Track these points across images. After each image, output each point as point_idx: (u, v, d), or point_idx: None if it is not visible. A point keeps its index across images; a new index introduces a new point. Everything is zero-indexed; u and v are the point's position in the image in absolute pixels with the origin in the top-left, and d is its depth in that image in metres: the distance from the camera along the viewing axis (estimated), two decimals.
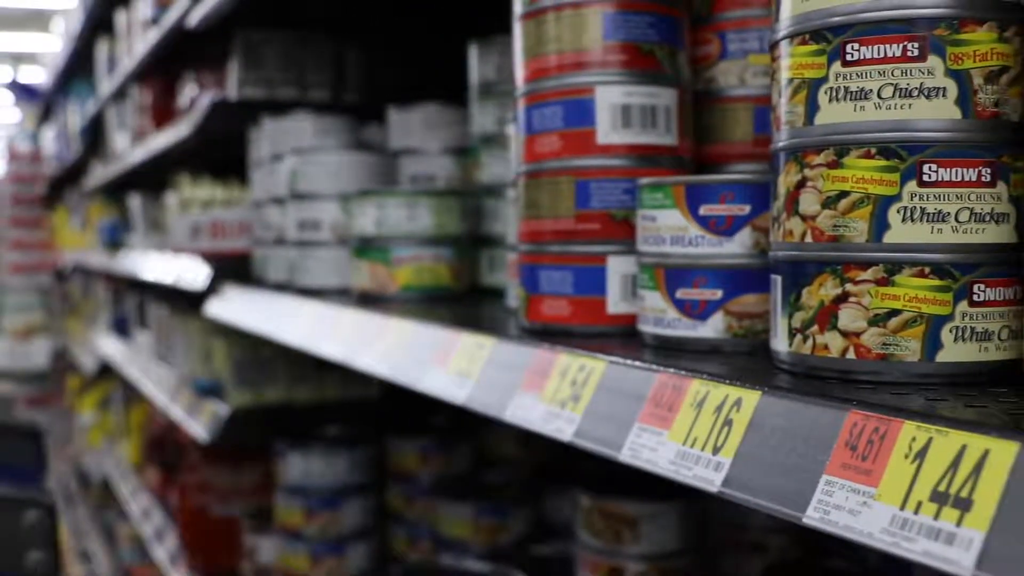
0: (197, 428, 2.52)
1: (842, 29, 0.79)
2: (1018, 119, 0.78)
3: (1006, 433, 0.60)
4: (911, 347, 0.77)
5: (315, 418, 2.54)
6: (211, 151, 3.18)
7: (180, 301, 3.32)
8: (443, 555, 2.11)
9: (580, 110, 1.12)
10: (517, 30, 1.20)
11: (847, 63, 0.78)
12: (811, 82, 0.81)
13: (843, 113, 0.79)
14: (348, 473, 2.31)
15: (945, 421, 0.64)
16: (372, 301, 1.67)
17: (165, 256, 3.06)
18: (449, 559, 2.08)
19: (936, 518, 0.61)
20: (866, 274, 0.78)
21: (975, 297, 0.77)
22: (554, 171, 1.14)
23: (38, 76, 9.19)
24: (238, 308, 2.20)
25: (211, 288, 2.42)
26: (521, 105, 1.19)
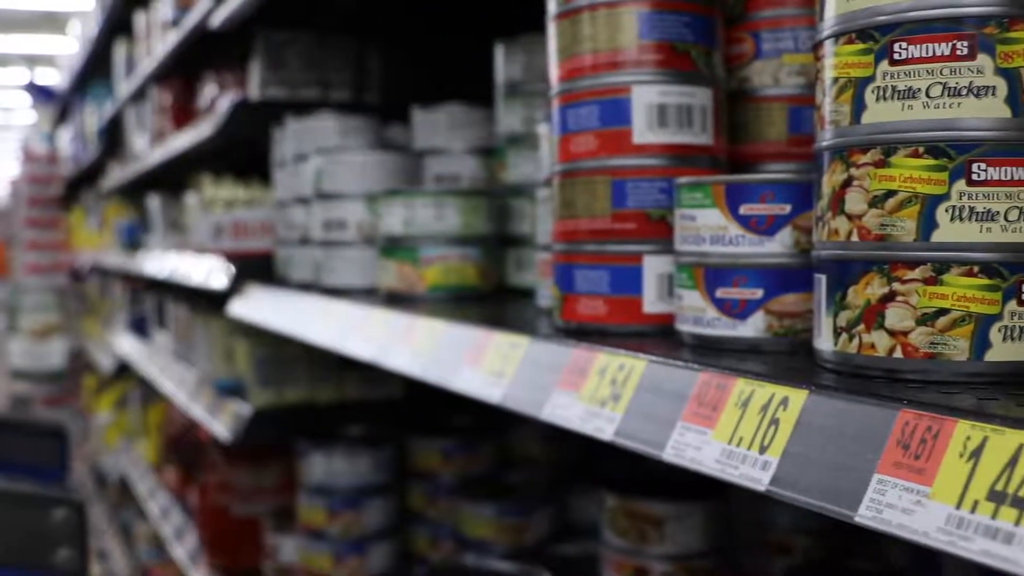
0: (219, 428, 2.53)
1: (889, 28, 0.79)
2: None
3: None
4: (959, 346, 0.77)
5: (337, 418, 2.54)
6: (231, 151, 3.19)
7: (200, 301, 3.33)
8: (466, 555, 2.11)
9: (616, 109, 1.12)
10: (551, 30, 1.20)
11: (895, 62, 0.78)
12: (857, 81, 0.81)
13: (890, 112, 0.79)
14: (371, 473, 2.32)
15: (1000, 420, 0.64)
16: (400, 301, 1.67)
17: (186, 256, 3.07)
18: (472, 559, 2.08)
19: (994, 517, 0.61)
20: (914, 273, 0.78)
21: None
22: (590, 170, 1.14)
23: (53, 78, 9.22)
24: (262, 308, 2.20)
25: (234, 288, 2.42)
26: (555, 104, 1.19)
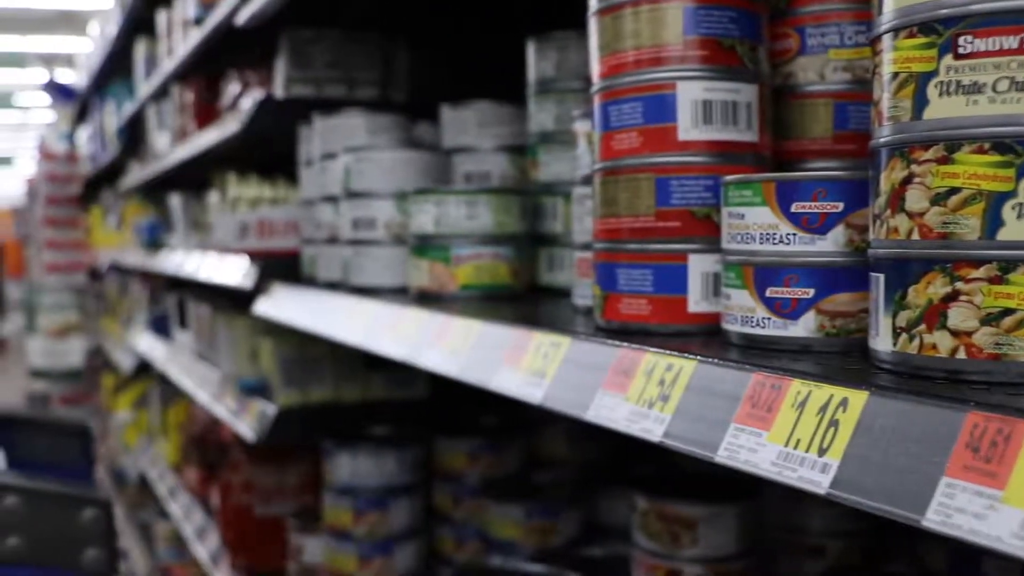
0: (243, 428, 2.52)
1: (953, 21, 0.77)
2: None
3: None
4: None
5: (362, 418, 2.53)
6: (254, 150, 3.19)
7: (222, 300, 3.33)
8: (492, 556, 2.09)
9: (661, 106, 1.10)
10: (592, 25, 1.19)
11: (959, 56, 0.76)
12: (919, 76, 0.79)
13: (954, 107, 0.77)
14: (397, 473, 2.30)
15: None
16: (431, 300, 1.66)
17: (210, 255, 3.06)
18: (499, 561, 2.07)
19: None
20: (978, 272, 0.76)
21: None
22: (633, 168, 1.12)
23: (71, 78, 9.25)
24: (289, 307, 2.19)
25: (260, 287, 2.41)
26: (597, 101, 1.17)
